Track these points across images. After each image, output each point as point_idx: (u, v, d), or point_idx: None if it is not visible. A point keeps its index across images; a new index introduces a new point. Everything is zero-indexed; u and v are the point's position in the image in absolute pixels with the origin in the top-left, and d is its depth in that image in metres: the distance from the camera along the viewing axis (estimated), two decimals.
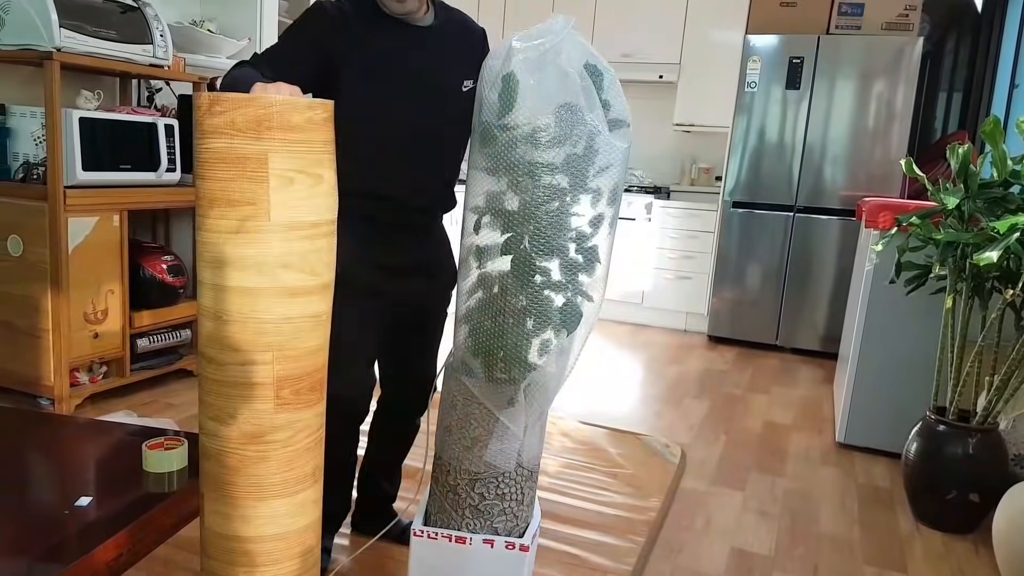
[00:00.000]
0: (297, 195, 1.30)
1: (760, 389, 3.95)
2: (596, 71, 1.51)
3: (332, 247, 1.41)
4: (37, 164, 2.81)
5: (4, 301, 2.88)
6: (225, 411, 1.35)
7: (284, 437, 1.37)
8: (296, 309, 1.34)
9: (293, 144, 1.28)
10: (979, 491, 2.37)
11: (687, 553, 2.22)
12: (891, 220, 2.74)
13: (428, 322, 1.95)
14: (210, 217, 1.30)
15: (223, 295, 1.31)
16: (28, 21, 2.67)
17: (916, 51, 4.35)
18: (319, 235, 1.35)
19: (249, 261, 1.29)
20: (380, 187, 1.73)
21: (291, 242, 1.31)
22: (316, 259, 1.36)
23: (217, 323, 1.33)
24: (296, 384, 1.37)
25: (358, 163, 1.65)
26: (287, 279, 1.31)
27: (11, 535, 1.34)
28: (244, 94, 1.32)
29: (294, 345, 1.35)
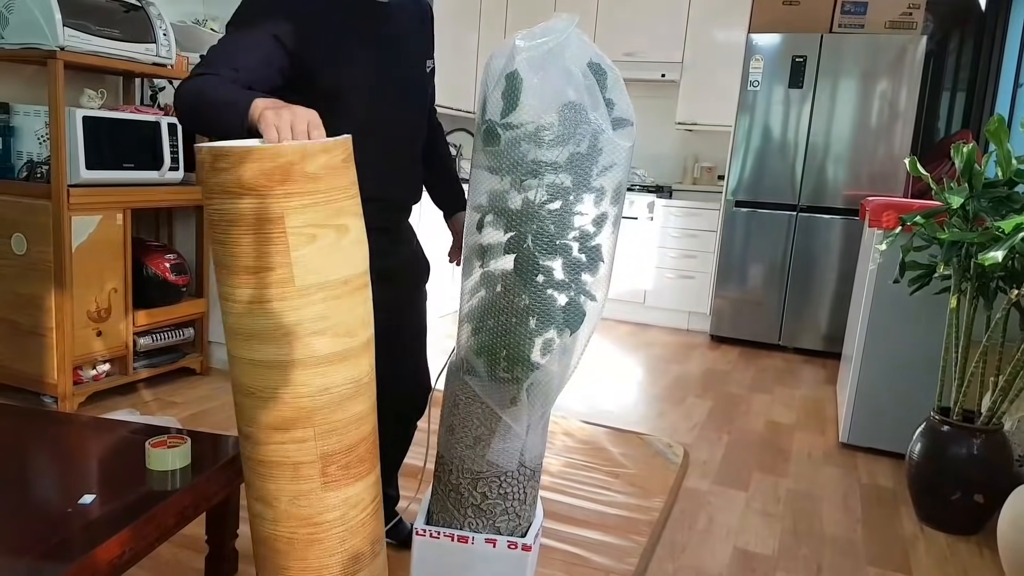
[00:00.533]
0: (322, 252, 1.16)
1: (763, 389, 3.95)
2: (600, 70, 1.51)
3: (367, 300, 1.27)
4: (41, 163, 2.82)
5: (8, 299, 2.88)
6: (269, 492, 1.23)
7: (336, 516, 1.25)
8: (335, 377, 1.20)
9: (311, 196, 1.14)
10: (984, 492, 2.36)
11: (690, 553, 2.21)
12: (895, 219, 2.73)
13: (416, 324, 1.93)
14: (229, 285, 1.17)
15: (253, 370, 1.19)
16: (32, 20, 2.67)
17: (919, 50, 4.34)
18: (351, 291, 1.22)
19: (277, 332, 1.16)
20: (367, 188, 1.67)
21: (321, 304, 1.17)
22: (352, 318, 1.22)
23: (249, 398, 1.21)
24: (344, 458, 1.24)
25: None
26: (321, 346, 1.18)
27: (15, 532, 1.34)
28: (247, 145, 1.15)
29: (337, 417, 1.22)
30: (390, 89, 1.67)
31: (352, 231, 1.22)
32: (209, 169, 1.13)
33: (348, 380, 1.22)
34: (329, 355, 1.18)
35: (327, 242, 1.16)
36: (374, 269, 1.69)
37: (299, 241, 1.13)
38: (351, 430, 1.24)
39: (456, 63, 5.24)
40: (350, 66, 1.60)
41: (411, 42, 1.71)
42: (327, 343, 1.18)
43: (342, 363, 1.20)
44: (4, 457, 1.64)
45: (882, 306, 2.96)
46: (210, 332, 3.45)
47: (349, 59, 1.59)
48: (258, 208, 1.11)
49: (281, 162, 1.11)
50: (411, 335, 1.92)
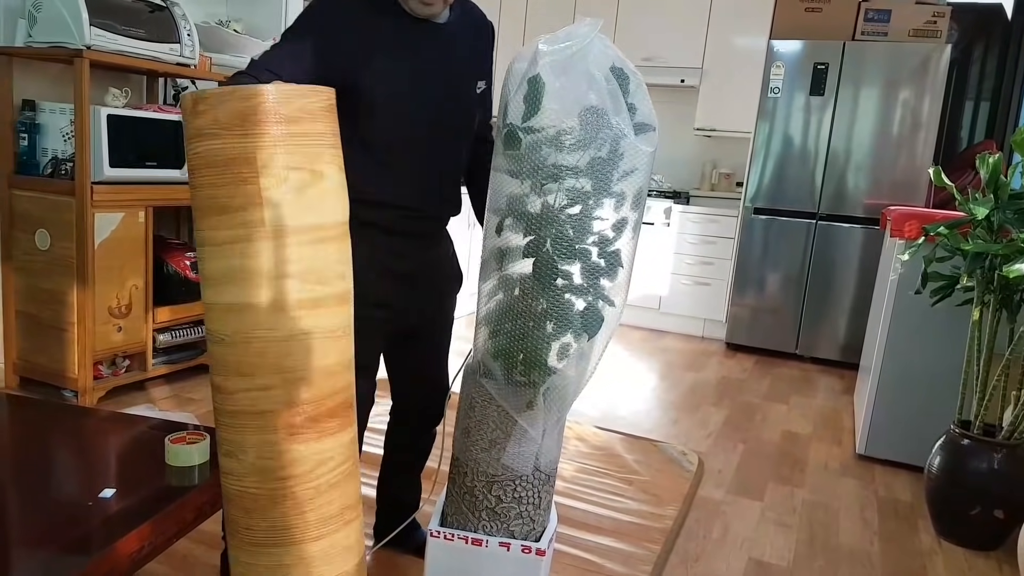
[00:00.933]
0: (295, 195, 1.16)
1: (779, 398, 3.92)
2: (622, 74, 1.50)
3: (344, 252, 1.26)
4: (65, 160, 2.85)
5: (31, 294, 2.92)
6: (236, 445, 1.21)
7: (303, 471, 1.21)
8: (304, 324, 1.19)
9: (285, 137, 1.14)
10: (1004, 507, 2.34)
11: (704, 562, 2.20)
12: (918, 230, 2.70)
13: (436, 330, 1.92)
14: (203, 229, 1.17)
15: (224, 315, 1.18)
16: (59, 19, 2.70)
17: (943, 59, 4.30)
18: (325, 239, 1.21)
19: (244, 273, 1.15)
20: (394, 196, 1.68)
21: (291, 248, 1.16)
22: (324, 266, 1.21)
23: (219, 346, 1.20)
24: (313, 410, 1.21)
25: (370, 172, 1.64)
26: (291, 291, 1.17)
27: (36, 525, 1.36)
28: (228, 87, 1.20)
29: (305, 365, 1.19)
30: (430, 107, 1.66)
31: (328, 179, 1.21)
32: (190, 113, 1.15)
33: (318, 329, 1.20)
34: (300, 300, 1.17)
35: (301, 186, 1.16)
36: (393, 270, 1.72)
37: (271, 182, 1.14)
38: (321, 382, 1.22)
39: None
40: (391, 82, 1.60)
41: (461, 63, 1.70)
42: (297, 288, 1.17)
43: (313, 310, 1.19)
44: (26, 450, 1.66)
45: (902, 317, 2.93)
46: None
47: (391, 75, 1.59)
48: (232, 148, 1.12)
49: (256, 101, 1.12)
50: (429, 339, 1.91)
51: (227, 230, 1.15)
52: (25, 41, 2.81)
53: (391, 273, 1.73)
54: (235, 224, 1.15)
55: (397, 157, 1.66)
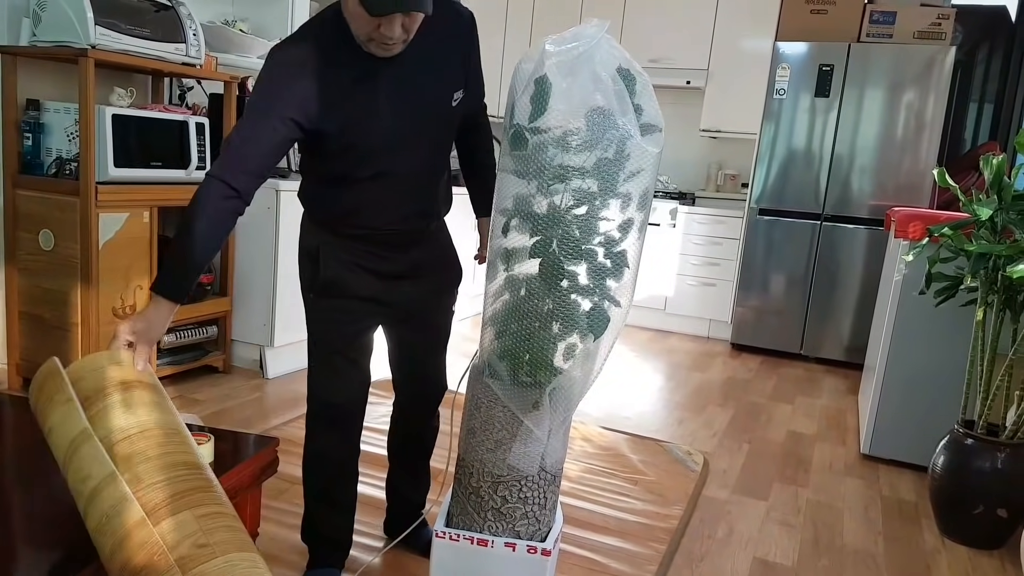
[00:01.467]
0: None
1: (784, 398, 3.92)
2: (629, 75, 1.50)
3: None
4: (70, 160, 2.85)
5: (35, 294, 2.92)
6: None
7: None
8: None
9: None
10: (1007, 506, 2.33)
11: (709, 562, 2.20)
12: (922, 230, 2.70)
13: (431, 323, 1.93)
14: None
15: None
16: (64, 18, 2.70)
17: (948, 61, 4.29)
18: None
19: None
20: (370, 221, 1.71)
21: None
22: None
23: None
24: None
25: (343, 203, 1.69)
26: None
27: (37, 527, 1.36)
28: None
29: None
30: (398, 141, 1.65)
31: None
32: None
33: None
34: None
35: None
36: (374, 270, 1.76)
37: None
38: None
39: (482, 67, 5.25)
40: (355, 126, 1.59)
41: (427, 87, 1.65)
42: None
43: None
44: (27, 452, 1.66)
45: (906, 317, 2.93)
46: (233, 331, 3.48)
47: (354, 120, 1.58)
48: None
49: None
50: (423, 330, 1.92)
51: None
52: (30, 40, 2.81)
53: (374, 272, 1.76)
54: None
55: (369, 190, 1.68)
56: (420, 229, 1.80)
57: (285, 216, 3.35)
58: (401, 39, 1.51)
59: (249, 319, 3.46)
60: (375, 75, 1.58)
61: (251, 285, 3.44)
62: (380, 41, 1.50)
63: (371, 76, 1.58)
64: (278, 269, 3.37)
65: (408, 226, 1.77)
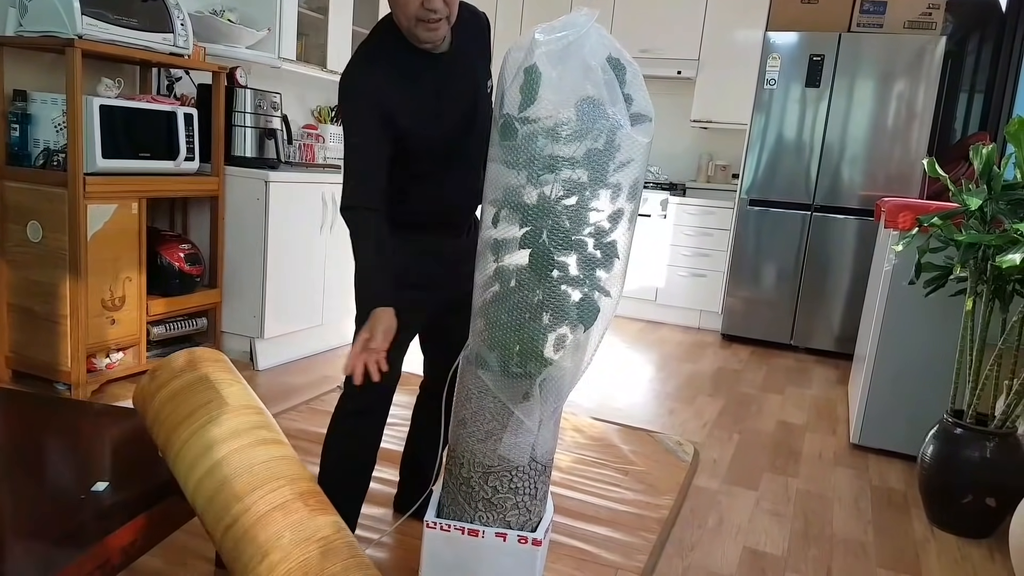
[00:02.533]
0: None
1: (774, 389, 3.93)
2: (619, 65, 1.50)
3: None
4: (57, 151, 2.83)
5: (23, 287, 2.90)
6: (269, 539, 1.41)
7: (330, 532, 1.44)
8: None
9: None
10: (996, 496, 2.35)
11: (699, 551, 2.21)
12: (912, 220, 2.71)
13: (467, 302, 1.96)
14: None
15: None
16: (50, 8, 2.68)
17: (938, 50, 4.30)
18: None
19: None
20: (440, 209, 1.84)
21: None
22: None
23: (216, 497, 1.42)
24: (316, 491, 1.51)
25: (418, 196, 1.80)
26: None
27: (29, 518, 1.35)
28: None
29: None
30: (456, 133, 1.78)
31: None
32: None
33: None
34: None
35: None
36: (429, 253, 1.85)
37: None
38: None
39: None
40: (432, 126, 1.73)
41: (470, 79, 1.80)
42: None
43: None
44: (19, 444, 1.66)
45: (896, 307, 2.94)
46: (223, 322, 3.47)
47: (430, 121, 1.73)
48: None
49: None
50: (462, 313, 1.88)
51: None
52: (16, 30, 2.78)
53: (437, 256, 1.85)
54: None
55: (439, 181, 1.80)
56: (472, 212, 1.92)
57: (275, 207, 3.33)
58: (444, 15, 1.61)
59: (239, 311, 3.45)
60: (434, 76, 1.72)
61: (241, 277, 3.42)
62: (426, 20, 1.60)
63: (431, 78, 1.72)
64: (268, 261, 3.36)
65: (468, 209, 1.89)
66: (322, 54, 4.04)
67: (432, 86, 1.72)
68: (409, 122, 1.69)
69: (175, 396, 1.48)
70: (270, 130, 3.62)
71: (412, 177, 1.77)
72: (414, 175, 1.78)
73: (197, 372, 1.53)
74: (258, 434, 1.45)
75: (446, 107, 1.74)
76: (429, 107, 1.72)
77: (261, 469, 1.40)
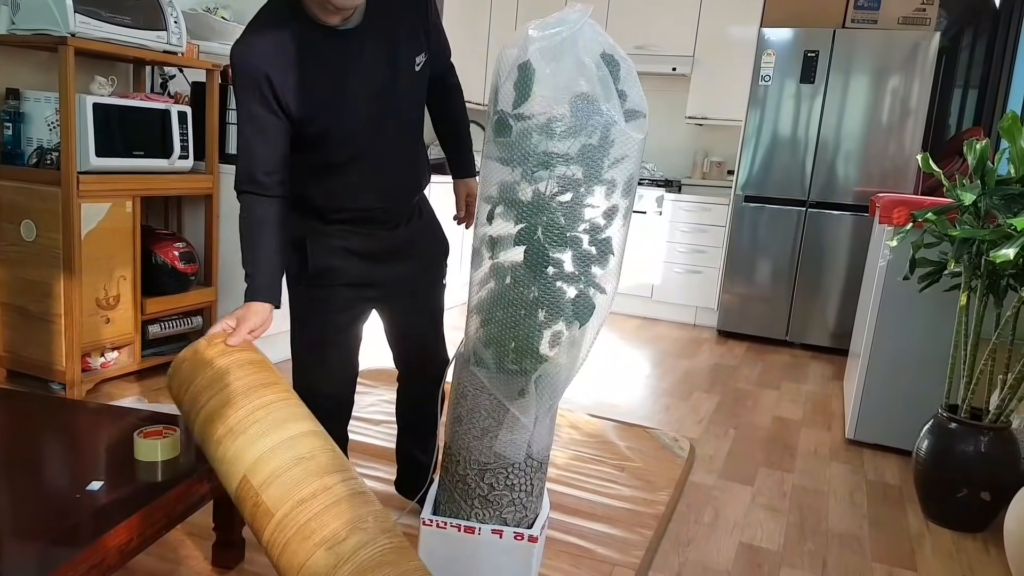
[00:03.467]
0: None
1: (770, 384, 3.94)
2: (613, 61, 1.50)
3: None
4: (51, 149, 2.82)
5: (17, 286, 2.89)
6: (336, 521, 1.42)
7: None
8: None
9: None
10: (990, 490, 2.36)
11: (695, 547, 2.21)
12: (906, 216, 2.71)
13: (424, 299, 1.94)
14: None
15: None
16: (43, 6, 2.67)
17: (932, 46, 4.31)
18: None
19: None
20: (357, 203, 1.73)
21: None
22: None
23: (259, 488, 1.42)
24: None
25: (329, 189, 1.70)
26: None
27: (24, 518, 1.35)
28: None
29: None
30: (378, 114, 1.66)
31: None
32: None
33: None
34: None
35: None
36: (362, 252, 1.76)
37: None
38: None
39: (466, 53, 5.22)
40: (333, 110, 1.61)
41: (388, 54, 1.64)
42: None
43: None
44: (13, 444, 1.65)
45: (891, 303, 2.95)
46: (218, 321, 3.45)
47: (330, 104, 1.60)
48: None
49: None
50: (415, 305, 1.93)
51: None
52: (8, 28, 2.77)
53: (364, 255, 1.77)
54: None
55: (351, 171, 1.69)
56: (404, 204, 1.82)
57: None
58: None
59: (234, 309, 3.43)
60: (338, 55, 1.59)
61: (236, 275, 3.40)
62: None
63: (334, 57, 1.59)
64: None
65: (393, 203, 1.78)
66: None
67: (333, 65, 1.58)
68: (300, 104, 1.56)
69: (249, 363, 1.50)
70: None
71: (320, 167, 1.67)
72: (322, 165, 1.66)
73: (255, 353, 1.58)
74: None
75: (352, 90, 1.60)
76: (327, 89, 1.58)
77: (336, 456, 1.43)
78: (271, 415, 1.41)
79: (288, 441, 1.38)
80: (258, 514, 1.33)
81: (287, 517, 1.31)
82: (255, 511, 1.34)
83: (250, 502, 1.34)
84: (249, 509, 1.35)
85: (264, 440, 1.37)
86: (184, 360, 1.52)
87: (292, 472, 1.35)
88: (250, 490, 1.34)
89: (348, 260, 1.76)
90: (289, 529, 1.30)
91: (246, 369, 1.48)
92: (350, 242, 1.75)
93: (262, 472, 1.35)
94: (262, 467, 1.35)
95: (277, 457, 1.36)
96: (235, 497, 1.38)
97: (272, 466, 1.35)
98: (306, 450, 1.38)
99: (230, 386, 1.43)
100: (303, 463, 1.36)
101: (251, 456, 1.36)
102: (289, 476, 1.34)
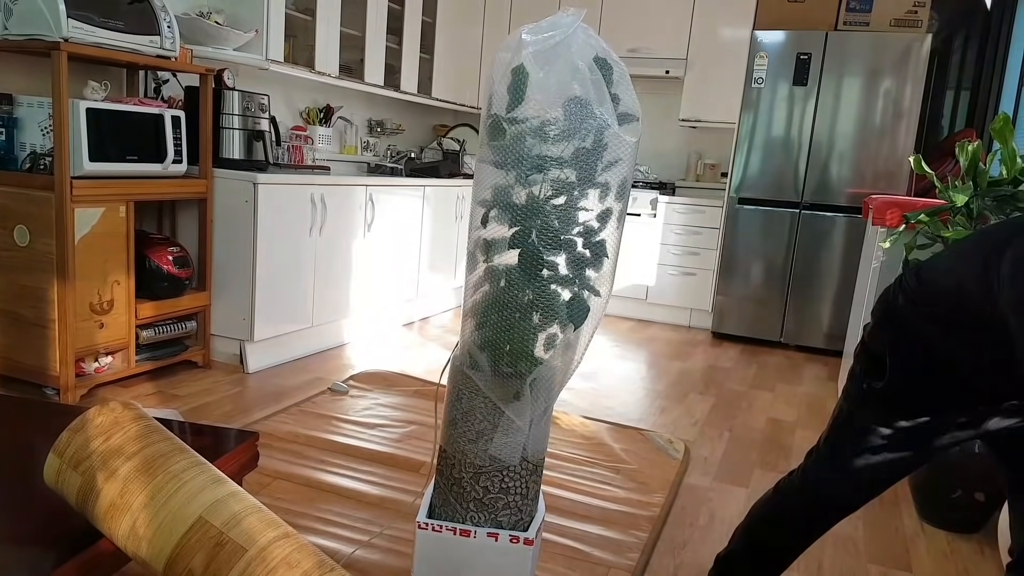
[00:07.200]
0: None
1: (764, 386, 3.95)
2: (606, 64, 1.50)
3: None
4: (44, 154, 2.81)
5: (11, 291, 2.88)
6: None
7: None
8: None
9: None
10: (984, 490, 2.36)
11: (691, 549, 2.21)
12: (899, 217, 2.73)
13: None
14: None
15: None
16: (36, 11, 2.66)
17: (924, 48, 4.33)
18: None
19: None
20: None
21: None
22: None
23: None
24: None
25: None
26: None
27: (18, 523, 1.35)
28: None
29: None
30: None
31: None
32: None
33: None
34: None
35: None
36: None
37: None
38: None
39: (460, 58, 5.23)
40: None
41: None
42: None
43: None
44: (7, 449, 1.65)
45: None
46: (212, 325, 3.45)
47: None
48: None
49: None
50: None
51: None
52: (1, 33, 2.77)
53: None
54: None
55: None
56: None
57: (264, 209, 3.32)
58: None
59: (228, 313, 3.44)
60: None
61: (230, 279, 3.41)
62: None
63: None
64: (257, 263, 3.35)
65: None
66: (310, 55, 4.04)
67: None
68: None
69: (141, 437, 1.40)
70: (258, 132, 3.61)
71: None
72: None
73: (139, 423, 1.44)
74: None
75: None
76: None
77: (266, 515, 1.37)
78: (205, 473, 1.37)
79: (238, 494, 1.35)
80: (221, 555, 1.28)
81: (265, 551, 1.28)
82: (216, 552, 1.28)
83: (209, 544, 1.29)
84: (207, 552, 1.29)
85: (216, 488, 1.34)
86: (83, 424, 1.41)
87: (253, 517, 1.32)
88: (210, 530, 1.29)
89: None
90: (271, 560, 1.28)
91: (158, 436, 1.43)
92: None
93: (223, 514, 1.31)
94: (222, 509, 1.32)
95: (235, 503, 1.33)
96: (177, 548, 1.30)
97: (233, 510, 1.32)
98: (252, 502, 1.35)
99: (155, 444, 1.39)
100: (258, 512, 1.33)
101: (206, 500, 1.32)
102: (255, 518, 1.32)
